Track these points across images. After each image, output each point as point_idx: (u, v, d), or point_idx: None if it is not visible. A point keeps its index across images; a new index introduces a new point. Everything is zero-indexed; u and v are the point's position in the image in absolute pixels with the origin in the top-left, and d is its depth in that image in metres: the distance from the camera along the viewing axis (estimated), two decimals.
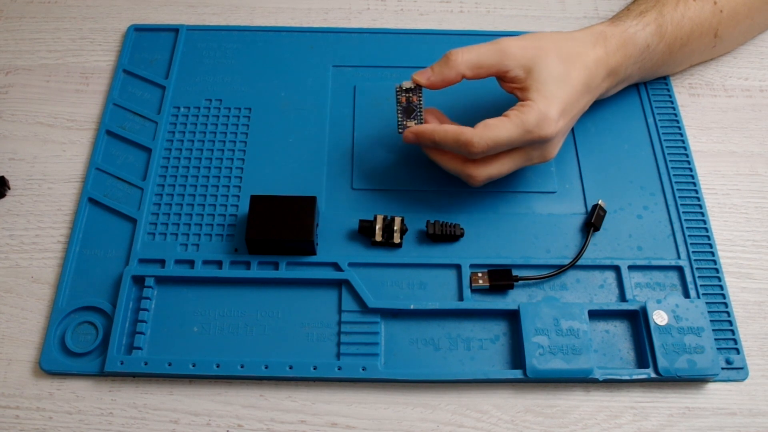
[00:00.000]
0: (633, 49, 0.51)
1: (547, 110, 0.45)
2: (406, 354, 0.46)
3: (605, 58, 0.49)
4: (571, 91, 0.47)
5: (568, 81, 0.47)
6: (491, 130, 0.45)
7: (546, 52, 0.47)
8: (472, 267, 0.49)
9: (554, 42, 0.48)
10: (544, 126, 0.45)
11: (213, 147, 0.55)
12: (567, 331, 0.45)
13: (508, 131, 0.45)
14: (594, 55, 0.49)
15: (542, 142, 0.46)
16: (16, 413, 0.45)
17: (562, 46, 0.48)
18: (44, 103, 0.58)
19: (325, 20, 0.63)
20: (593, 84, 0.49)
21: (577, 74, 0.47)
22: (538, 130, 0.45)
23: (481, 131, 0.45)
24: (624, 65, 0.51)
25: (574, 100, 0.47)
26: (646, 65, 0.53)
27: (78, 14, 0.64)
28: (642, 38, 0.51)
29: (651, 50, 0.52)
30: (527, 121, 0.45)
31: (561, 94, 0.46)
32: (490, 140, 0.45)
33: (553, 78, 0.46)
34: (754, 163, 0.55)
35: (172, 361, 0.45)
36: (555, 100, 0.46)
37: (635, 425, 0.45)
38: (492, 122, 0.46)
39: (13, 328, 0.48)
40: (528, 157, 0.48)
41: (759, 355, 0.47)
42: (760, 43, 0.62)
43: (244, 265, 0.49)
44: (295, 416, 0.45)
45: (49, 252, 0.51)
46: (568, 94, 0.47)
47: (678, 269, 0.50)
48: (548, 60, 0.47)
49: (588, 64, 0.48)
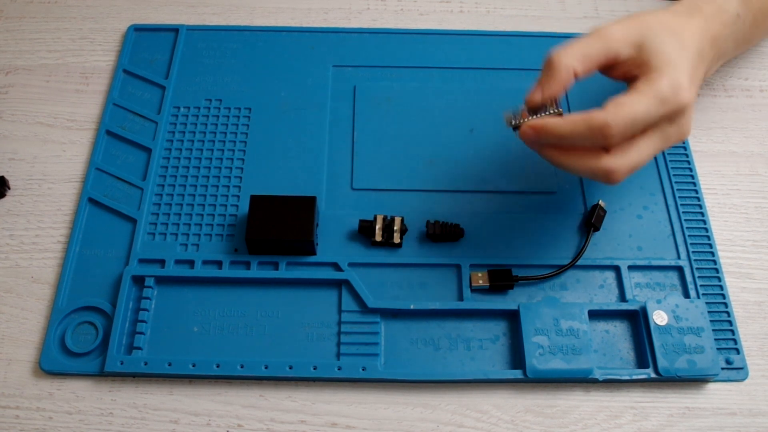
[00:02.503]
0: (727, 17, 0.47)
1: (678, 75, 0.41)
2: (406, 354, 0.46)
3: (705, 25, 0.45)
4: (691, 56, 0.43)
5: (684, 47, 0.43)
6: (625, 107, 0.40)
7: (651, 25, 0.43)
8: (472, 267, 0.49)
9: (654, 16, 0.44)
10: (679, 92, 0.40)
11: (213, 147, 0.55)
12: (567, 331, 0.45)
13: (644, 104, 0.40)
14: (696, 24, 0.45)
15: (678, 113, 0.41)
16: (16, 413, 0.45)
17: (662, 19, 0.44)
18: (44, 103, 0.58)
19: (325, 20, 0.63)
20: (704, 52, 0.44)
21: (688, 42, 0.43)
22: (674, 97, 0.40)
23: (615, 110, 0.40)
24: (722, 35, 0.47)
25: (694, 66, 0.43)
26: (738, 38, 0.50)
27: (78, 14, 0.64)
28: (732, 7, 0.48)
29: (741, 21, 0.48)
30: (661, 89, 0.40)
31: (684, 59, 0.42)
32: (628, 117, 0.39)
33: (670, 46, 0.42)
34: (755, 163, 0.55)
35: (172, 361, 0.45)
36: (681, 65, 0.42)
37: (635, 425, 0.45)
38: (622, 99, 0.40)
39: (13, 328, 0.48)
40: (665, 135, 0.42)
41: (759, 355, 0.47)
42: (760, 42, 0.62)
43: (244, 265, 0.49)
44: (295, 416, 0.45)
45: (49, 252, 0.51)
46: (690, 60, 0.42)
47: (678, 269, 0.50)
48: (657, 31, 0.43)
49: (692, 31, 0.44)
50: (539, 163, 0.54)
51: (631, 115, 0.40)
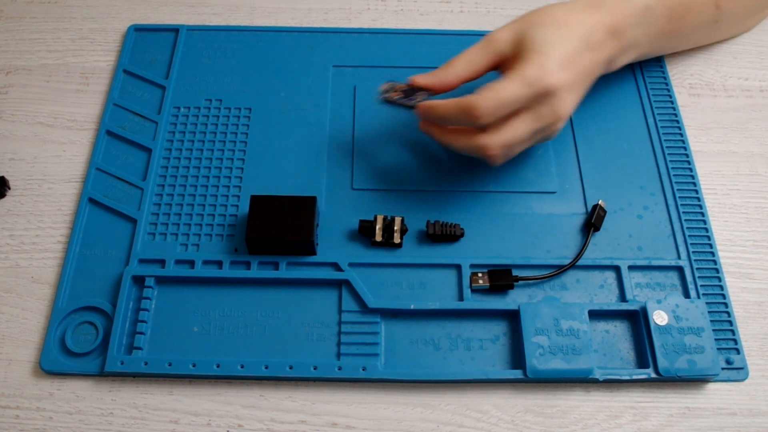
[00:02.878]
0: (632, 8, 0.50)
1: (544, 61, 0.45)
2: (406, 354, 0.46)
3: (601, 17, 0.49)
4: (568, 44, 0.46)
5: (563, 35, 0.47)
6: (493, 91, 0.45)
7: (532, 20, 0.48)
8: (472, 267, 0.49)
9: (542, 12, 0.49)
10: (545, 76, 0.45)
11: (213, 147, 0.55)
12: (567, 331, 0.45)
13: (510, 88, 0.45)
14: (589, 15, 0.48)
15: (548, 95, 0.45)
16: (16, 413, 0.45)
17: (548, 13, 0.48)
18: (44, 103, 0.58)
19: (325, 20, 0.63)
20: (593, 40, 0.48)
21: (571, 31, 0.47)
22: (539, 80, 0.45)
23: (484, 94, 0.45)
24: (626, 24, 0.50)
25: (573, 53, 0.46)
26: (651, 31, 0.52)
27: (78, 14, 0.64)
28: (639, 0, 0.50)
29: (652, 12, 0.51)
30: (527, 74, 0.45)
31: (557, 46, 0.46)
32: (494, 100, 0.44)
33: (546, 37, 0.46)
34: (755, 163, 0.55)
35: (172, 361, 0.45)
36: (551, 52, 0.46)
37: (635, 425, 0.45)
38: (492, 84, 0.45)
39: (13, 328, 0.48)
40: (539, 115, 0.46)
41: (759, 355, 0.47)
42: (760, 43, 0.62)
43: (244, 265, 0.49)
44: (295, 416, 0.45)
45: (49, 252, 0.51)
46: (565, 47, 0.46)
47: (678, 269, 0.50)
48: (535, 25, 0.47)
49: (582, 21, 0.48)
50: (539, 163, 0.54)
51: (498, 98, 0.44)
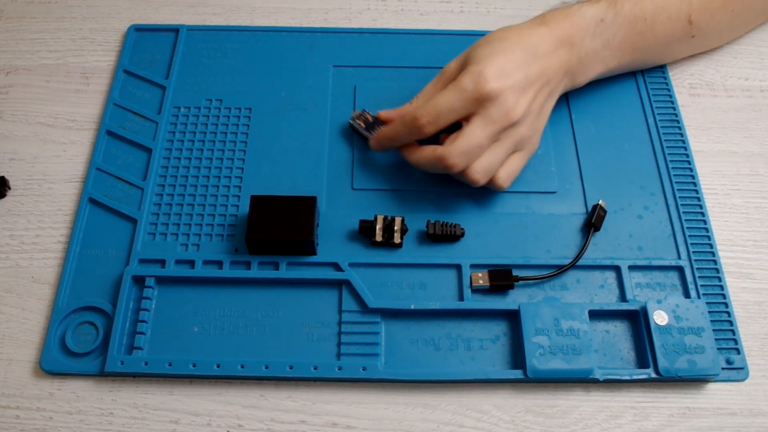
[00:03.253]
0: (582, 21, 0.51)
1: (481, 69, 0.47)
2: (406, 354, 0.46)
3: (548, 30, 0.50)
4: (510, 54, 0.48)
5: (505, 48, 0.48)
6: (432, 101, 0.48)
7: (479, 43, 0.50)
8: (473, 267, 0.49)
9: (490, 34, 0.51)
10: (480, 82, 0.46)
11: (213, 147, 0.55)
12: (567, 331, 0.45)
13: (446, 96, 0.47)
14: (535, 30, 0.50)
15: (489, 100, 0.46)
16: (17, 413, 0.45)
17: (497, 32, 0.50)
18: (44, 103, 0.58)
19: (325, 20, 0.63)
20: (540, 50, 0.49)
21: (514, 44, 0.49)
22: (475, 86, 0.46)
23: (423, 104, 0.48)
24: (578, 36, 0.51)
25: (514, 61, 0.48)
26: (614, 44, 0.52)
27: (78, 14, 0.64)
28: (591, 12, 0.51)
29: (608, 24, 0.51)
30: (462, 82, 0.47)
31: (497, 57, 0.47)
32: (432, 108, 0.47)
33: (487, 51, 0.48)
34: (755, 163, 0.55)
35: (172, 361, 0.45)
36: (489, 61, 0.47)
37: (635, 425, 0.45)
38: (433, 96, 0.48)
39: (13, 328, 0.48)
40: (489, 119, 0.47)
41: (759, 355, 0.47)
42: (760, 43, 0.62)
43: (245, 265, 0.49)
44: (295, 416, 0.45)
45: (50, 252, 0.51)
46: (507, 56, 0.48)
47: (678, 269, 0.50)
48: (481, 45, 0.49)
49: (527, 34, 0.49)
50: (539, 163, 0.54)
51: (436, 106, 0.47)
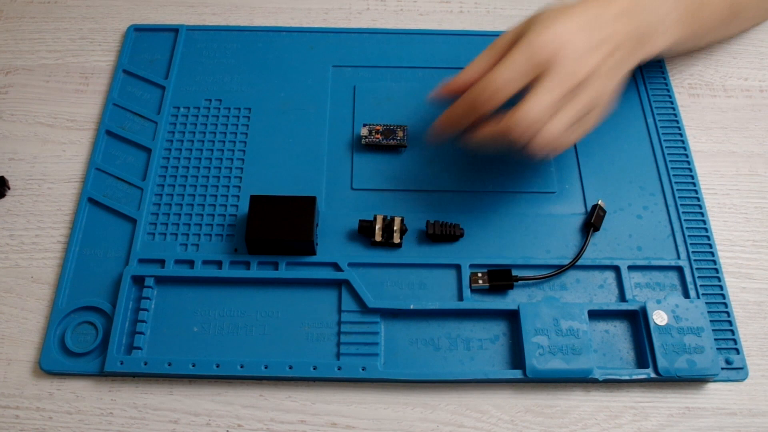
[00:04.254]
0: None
1: (539, 33, 0.45)
2: (406, 354, 0.46)
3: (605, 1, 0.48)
4: (568, 21, 0.46)
5: (563, 15, 0.46)
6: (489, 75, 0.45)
7: (535, 15, 0.47)
8: (472, 267, 0.49)
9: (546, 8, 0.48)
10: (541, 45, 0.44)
11: (213, 147, 0.55)
12: (567, 331, 0.45)
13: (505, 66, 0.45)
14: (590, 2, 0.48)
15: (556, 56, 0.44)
16: (16, 413, 0.45)
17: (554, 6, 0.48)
18: (44, 103, 0.58)
19: (325, 20, 0.63)
20: (602, 18, 0.47)
21: (573, 12, 0.46)
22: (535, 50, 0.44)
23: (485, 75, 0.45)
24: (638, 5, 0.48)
25: (575, 26, 0.46)
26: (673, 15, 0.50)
27: (78, 14, 0.64)
28: None
29: None
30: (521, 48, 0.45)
31: (554, 23, 0.45)
32: (491, 82, 0.44)
33: (545, 18, 0.46)
34: (754, 163, 0.55)
35: (171, 361, 0.45)
36: (548, 27, 0.45)
37: (635, 425, 0.45)
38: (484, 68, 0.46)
39: (13, 328, 0.48)
40: (556, 80, 0.44)
41: (759, 355, 0.47)
42: (760, 43, 0.62)
43: (244, 265, 0.49)
44: (295, 416, 0.45)
45: (49, 252, 0.51)
46: (565, 23, 0.45)
47: (678, 269, 0.50)
48: (538, 15, 0.47)
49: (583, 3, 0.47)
50: (539, 163, 0.54)
51: (494, 78, 0.44)
